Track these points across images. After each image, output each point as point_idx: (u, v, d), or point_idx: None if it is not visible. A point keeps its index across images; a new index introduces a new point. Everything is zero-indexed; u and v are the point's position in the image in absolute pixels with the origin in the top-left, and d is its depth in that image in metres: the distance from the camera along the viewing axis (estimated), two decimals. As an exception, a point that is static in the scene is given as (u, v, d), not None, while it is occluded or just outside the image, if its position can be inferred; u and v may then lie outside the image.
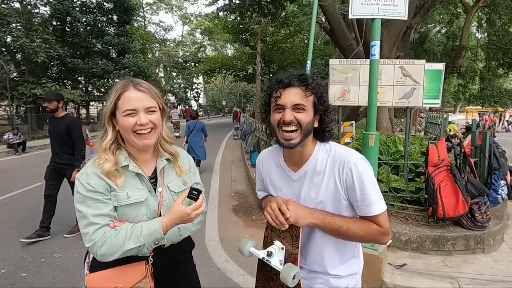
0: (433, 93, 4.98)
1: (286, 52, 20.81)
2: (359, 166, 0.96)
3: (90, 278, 1.02)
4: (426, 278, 2.48)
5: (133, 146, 1.05)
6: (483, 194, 2.97)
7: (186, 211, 0.99)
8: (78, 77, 19.74)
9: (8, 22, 14.01)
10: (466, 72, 15.11)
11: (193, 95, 42.41)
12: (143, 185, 1.06)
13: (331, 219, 0.99)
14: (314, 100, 0.98)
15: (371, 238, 1.01)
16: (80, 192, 0.98)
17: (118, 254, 0.95)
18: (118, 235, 0.95)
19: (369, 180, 0.97)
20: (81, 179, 0.99)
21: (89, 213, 0.96)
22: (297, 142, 0.97)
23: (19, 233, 3.62)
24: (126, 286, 1.00)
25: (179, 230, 1.12)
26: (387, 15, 2.56)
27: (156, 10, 36.18)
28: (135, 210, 1.03)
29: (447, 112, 18.51)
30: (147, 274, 1.03)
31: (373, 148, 2.62)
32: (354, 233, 0.98)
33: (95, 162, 1.02)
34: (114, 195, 1.00)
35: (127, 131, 1.01)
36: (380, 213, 0.97)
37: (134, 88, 1.01)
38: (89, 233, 0.95)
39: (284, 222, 0.97)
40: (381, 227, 0.98)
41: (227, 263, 2.96)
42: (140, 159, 1.09)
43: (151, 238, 0.97)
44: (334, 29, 8.46)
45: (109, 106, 1.02)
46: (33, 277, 2.70)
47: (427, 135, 9.66)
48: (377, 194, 0.98)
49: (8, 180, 6.31)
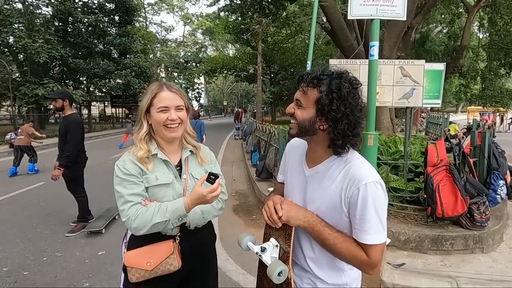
0: (433, 93, 4.98)
1: (287, 52, 20.84)
2: (369, 189, 0.88)
3: (127, 255, 1.19)
4: (424, 278, 2.48)
5: (163, 138, 1.24)
6: (482, 194, 2.97)
7: (203, 193, 1.10)
8: (80, 77, 19.84)
9: (10, 22, 14.06)
10: (467, 72, 15.07)
11: (195, 95, 42.48)
12: (169, 171, 1.23)
13: (321, 228, 0.95)
14: (317, 98, 0.91)
15: (356, 264, 0.94)
16: (118, 176, 1.16)
17: (148, 227, 1.10)
18: (148, 211, 1.11)
19: (374, 207, 0.88)
20: (119, 165, 1.17)
21: (125, 193, 1.13)
22: (293, 133, 1.01)
23: (21, 232, 3.66)
24: (156, 261, 1.15)
25: (202, 213, 1.26)
26: (386, 15, 2.58)
27: (158, 11, 36.29)
28: (162, 190, 1.19)
29: (448, 112, 18.48)
30: (174, 251, 1.19)
31: (372, 148, 2.64)
32: (339, 252, 0.94)
33: (130, 151, 1.21)
34: (145, 178, 1.18)
35: (159, 125, 1.19)
36: (372, 244, 0.89)
37: (167, 89, 1.21)
38: (125, 209, 1.12)
39: (277, 220, 0.98)
40: (369, 258, 0.90)
41: (227, 262, 2.98)
42: (168, 150, 1.26)
43: (175, 215, 1.12)
44: (335, 29, 8.47)
45: (146, 103, 1.20)
46: (35, 276, 2.72)
47: (428, 135, 9.66)
48: (378, 224, 0.89)
49: (11, 179, 6.36)
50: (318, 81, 0.92)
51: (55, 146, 4.45)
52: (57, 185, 5.87)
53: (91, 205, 3.92)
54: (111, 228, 3.80)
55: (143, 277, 1.15)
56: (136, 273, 1.15)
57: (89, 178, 4.40)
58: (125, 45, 19.97)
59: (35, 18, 15.15)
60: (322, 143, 0.97)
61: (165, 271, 1.16)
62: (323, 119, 0.92)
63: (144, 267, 1.15)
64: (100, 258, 3.05)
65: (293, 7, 18.34)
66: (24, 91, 14.40)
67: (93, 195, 4.51)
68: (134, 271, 1.15)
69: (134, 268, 1.15)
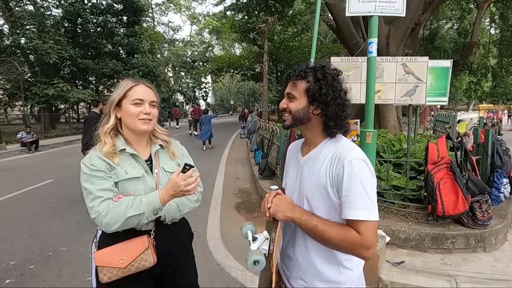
0: (440, 90, 4.90)
1: (294, 50, 20.73)
2: (354, 165, 0.91)
3: (97, 255, 1.12)
4: (423, 276, 2.47)
5: (134, 131, 1.20)
6: (484, 192, 2.93)
7: (176, 181, 1.08)
8: (88, 77, 20.19)
9: (22, 24, 14.43)
10: (478, 69, 14.75)
11: (202, 95, 42.74)
12: (139, 165, 1.21)
13: (308, 217, 0.96)
14: (306, 88, 1.01)
15: (349, 247, 0.90)
16: (85, 172, 1.12)
17: (120, 222, 1.06)
18: (120, 205, 1.08)
19: (361, 182, 0.89)
20: (85, 162, 1.14)
21: (94, 189, 1.09)
22: (288, 124, 1.06)
23: (29, 228, 3.77)
24: (130, 257, 1.11)
25: (177, 206, 1.24)
26: (385, 12, 2.56)
27: (165, 11, 36.61)
28: (133, 185, 1.16)
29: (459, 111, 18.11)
30: (149, 245, 1.14)
31: (371, 146, 2.63)
32: (329, 237, 0.91)
33: (96, 147, 1.18)
34: (114, 173, 1.14)
35: (132, 117, 1.17)
36: (361, 219, 0.88)
37: (144, 84, 1.22)
38: (94, 206, 1.08)
39: (266, 210, 1.03)
40: (360, 235, 0.87)
41: (226, 259, 3.02)
42: (136, 145, 1.24)
43: (149, 207, 1.09)
44: (340, 27, 8.41)
45: (118, 95, 1.18)
46: (40, 269, 2.81)
47: (436, 133, 9.50)
48: (366, 199, 0.89)
49: (21, 177, 6.54)
50: (305, 73, 1.01)
51: (65, 144, 4.60)
52: (64, 182, 6.06)
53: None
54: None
55: (116, 276, 1.09)
56: (108, 272, 1.09)
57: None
58: (132, 45, 20.22)
59: (45, 20, 15.49)
60: (316, 128, 1.05)
61: (139, 267, 1.12)
62: (315, 105, 1.00)
63: (116, 265, 1.09)
64: (103, 253, 3.12)
65: (299, 5, 18.24)
66: (35, 91, 14.74)
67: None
68: (105, 271, 1.09)
69: (106, 267, 1.09)
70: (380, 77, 3.88)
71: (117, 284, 1.11)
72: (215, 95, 52.38)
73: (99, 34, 19.56)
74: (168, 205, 1.18)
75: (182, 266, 1.33)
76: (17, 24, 14.29)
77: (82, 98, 16.15)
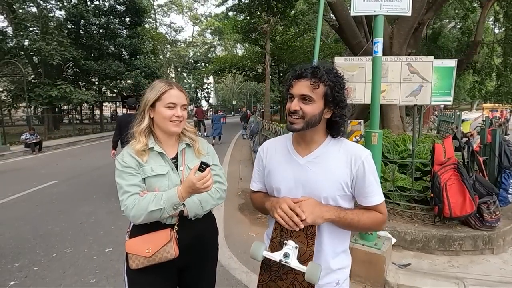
0: (444, 90, 4.85)
1: (296, 50, 20.67)
2: (369, 161, 1.05)
3: (128, 243, 1.25)
4: (430, 278, 2.43)
5: (164, 132, 1.29)
6: (492, 193, 2.88)
7: (193, 180, 1.12)
8: (91, 78, 20.28)
9: (25, 26, 14.50)
10: (482, 68, 14.63)
11: (204, 95, 42.82)
12: (165, 163, 1.29)
13: (344, 214, 1.03)
14: (325, 91, 1.01)
15: (376, 226, 1.10)
16: (118, 168, 1.24)
17: (144, 216, 1.16)
18: (144, 200, 1.18)
19: (374, 174, 1.06)
20: (118, 159, 1.26)
21: (124, 184, 1.21)
22: (298, 128, 1.03)
23: (33, 229, 3.77)
24: (154, 248, 1.21)
25: (200, 202, 1.28)
26: (390, 11, 2.53)
27: (167, 12, 36.70)
28: (158, 181, 1.24)
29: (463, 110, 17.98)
30: (172, 239, 1.23)
31: (377, 146, 2.60)
32: (364, 223, 1.05)
33: (129, 145, 1.28)
34: (142, 170, 1.24)
35: (164, 119, 1.25)
36: (381, 202, 1.07)
37: (177, 88, 1.28)
38: (124, 199, 1.19)
39: (299, 223, 0.95)
40: (383, 214, 1.07)
41: (230, 260, 3.00)
42: (165, 144, 1.32)
43: (169, 203, 1.17)
44: (343, 27, 8.36)
45: (153, 97, 1.25)
46: (44, 271, 2.81)
47: (440, 133, 9.42)
48: (379, 185, 1.08)
49: (25, 178, 6.57)
50: (321, 76, 1.00)
51: (68, 145, 4.62)
52: (68, 184, 6.07)
53: (100, 203, 4.01)
54: (118, 225, 3.88)
55: (142, 263, 1.20)
56: (136, 259, 1.20)
57: (99, 177, 4.53)
58: (135, 46, 20.28)
59: (48, 21, 15.57)
60: (321, 130, 1.08)
61: (162, 258, 1.21)
62: (330, 108, 1.03)
63: (143, 254, 1.20)
64: (107, 254, 3.12)
65: (301, 5, 18.22)
66: (38, 92, 14.82)
67: (103, 193, 4.64)
68: (134, 258, 1.21)
69: (134, 255, 1.21)
70: (385, 77, 3.85)
71: (144, 271, 1.22)
72: (217, 96, 52.45)
73: (102, 35, 19.63)
74: (191, 202, 1.25)
75: (203, 261, 1.39)
76: (21, 26, 14.37)
77: (85, 99, 16.22)
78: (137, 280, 1.25)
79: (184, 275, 1.36)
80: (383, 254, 2.45)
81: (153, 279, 1.25)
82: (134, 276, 1.25)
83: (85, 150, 11.47)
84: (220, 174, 1.38)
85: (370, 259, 2.49)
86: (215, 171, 1.36)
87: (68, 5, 16.95)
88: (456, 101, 30.67)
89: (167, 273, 1.29)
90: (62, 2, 17.15)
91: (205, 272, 1.41)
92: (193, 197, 1.24)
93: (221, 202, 1.37)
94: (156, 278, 1.26)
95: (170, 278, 1.31)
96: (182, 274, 1.36)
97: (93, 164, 8.16)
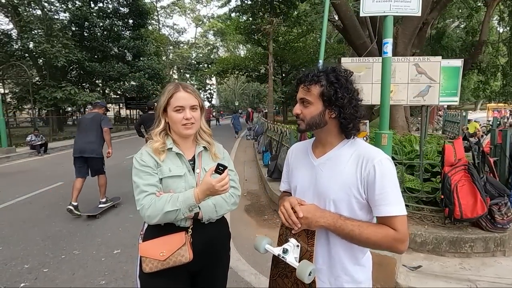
0: (450, 90, 4.82)
1: (299, 51, 20.67)
2: (383, 164, 0.95)
3: (142, 246, 1.24)
4: (442, 281, 2.41)
5: (179, 135, 1.30)
6: (503, 194, 2.85)
7: (212, 182, 1.12)
8: (95, 80, 20.38)
9: (30, 28, 14.62)
10: (487, 68, 14.53)
11: (207, 96, 42.84)
12: (182, 164, 1.29)
13: (343, 223, 0.96)
14: (320, 92, 0.99)
15: (386, 244, 0.94)
16: (136, 167, 1.24)
17: (159, 216, 1.15)
18: (160, 200, 1.17)
19: (391, 180, 0.94)
20: (137, 157, 1.26)
21: (141, 183, 1.20)
22: (302, 129, 1.06)
23: (41, 231, 3.79)
24: (169, 251, 1.19)
25: (214, 206, 1.28)
26: (400, 12, 2.52)
27: (170, 13, 36.82)
28: (175, 182, 1.24)
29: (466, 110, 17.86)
30: (186, 242, 1.22)
31: (386, 148, 2.59)
32: (367, 237, 0.94)
33: (147, 144, 1.29)
34: (159, 170, 1.24)
35: (176, 123, 1.26)
36: (397, 215, 0.92)
37: (183, 89, 1.27)
38: (140, 199, 1.19)
39: (296, 222, 0.98)
40: (397, 231, 0.92)
41: (239, 262, 2.99)
42: (182, 146, 1.33)
43: (185, 204, 1.16)
44: (347, 27, 8.35)
45: (163, 103, 1.27)
46: (54, 273, 2.82)
47: (445, 134, 9.37)
48: (398, 195, 0.95)
49: (31, 180, 6.60)
50: (317, 77, 0.99)
51: (72, 147, 4.63)
52: (74, 185, 6.08)
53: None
54: (127, 227, 3.88)
55: (156, 267, 1.18)
56: (150, 263, 1.19)
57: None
58: (138, 48, 20.36)
59: (53, 24, 15.65)
60: (333, 131, 1.05)
61: (177, 262, 1.19)
62: (331, 109, 1.00)
63: (157, 257, 1.18)
64: (115, 256, 3.12)
65: (304, 5, 18.20)
66: (43, 94, 14.90)
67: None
68: (148, 262, 1.19)
69: (148, 258, 1.19)
70: (392, 78, 3.83)
71: (157, 275, 1.20)
72: (220, 97, 52.52)
73: (106, 37, 19.76)
74: (206, 205, 1.25)
75: (216, 265, 1.38)
76: (26, 28, 14.47)
77: (89, 100, 16.25)
78: (150, 285, 1.24)
79: (196, 280, 1.35)
80: (394, 256, 2.43)
81: (166, 284, 1.23)
82: (147, 280, 1.23)
83: (90, 151, 11.50)
84: (235, 180, 1.38)
85: (381, 261, 2.47)
86: (230, 176, 1.34)
87: (72, 8, 17.07)
88: (460, 101, 30.46)
89: (180, 278, 1.27)
90: (67, 5, 17.27)
91: (217, 276, 1.40)
92: (208, 201, 1.24)
93: (235, 207, 1.37)
94: (169, 282, 1.24)
95: (183, 283, 1.29)
96: (195, 279, 1.34)
97: (98, 165, 8.18)
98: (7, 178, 6.93)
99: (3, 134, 10.28)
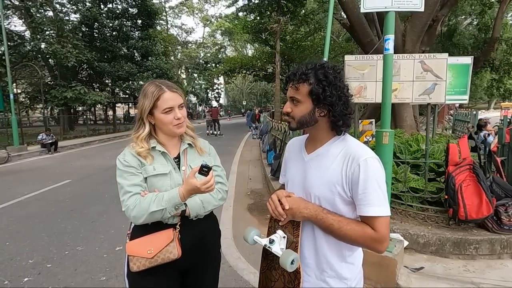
0: (460, 88, 4.69)
1: (306, 50, 20.50)
2: (369, 164, 0.94)
3: (129, 245, 1.23)
4: (444, 283, 2.35)
5: (169, 135, 1.29)
6: (510, 195, 2.76)
7: (196, 185, 1.11)
8: (105, 80, 20.71)
9: (42, 29, 14.96)
10: (500, 66, 14.13)
11: (214, 96, 43.06)
12: (167, 162, 1.27)
13: (324, 216, 0.98)
14: (309, 90, 0.98)
15: (363, 242, 0.96)
16: (119, 168, 1.22)
17: (145, 216, 1.14)
18: (145, 200, 1.16)
19: (376, 180, 0.94)
20: (120, 158, 1.24)
21: (125, 184, 1.19)
22: (293, 127, 1.06)
23: (47, 227, 3.87)
24: (156, 249, 1.18)
25: (202, 203, 1.27)
26: (402, 7, 2.46)
27: (178, 14, 37.11)
28: (160, 180, 1.22)
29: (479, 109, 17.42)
30: (174, 238, 1.20)
31: (387, 146, 2.53)
32: (345, 233, 0.96)
33: (130, 145, 1.26)
34: (144, 169, 1.23)
35: (167, 125, 1.23)
36: (377, 216, 0.93)
37: (169, 90, 1.23)
38: (125, 199, 1.17)
39: (282, 213, 1.01)
40: (376, 231, 0.93)
41: (239, 261, 2.99)
42: (168, 144, 1.31)
43: (170, 203, 1.15)
44: (354, 25, 8.23)
45: (148, 106, 1.22)
46: (57, 268, 2.87)
47: (455, 133, 9.15)
48: (381, 196, 0.94)
49: (41, 177, 6.76)
50: (305, 75, 0.99)
51: (82, 145, 4.72)
52: (81, 183, 6.21)
53: (112, 202, 4.07)
54: (129, 224, 3.92)
55: (144, 265, 1.17)
56: (137, 262, 1.17)
57: (111, 176, 4.62)
58: (147, 48, 20.58)
59: (64, 25, 16.00)
60: (324, 128, 1.05)
61: (165, 259, 1.18)
62: (320, 107, 0.99)
63: (144, 255, 1.17)
64: (117, 253, 3.16)
65: (311, 4, 18.07)
66: (54, 94, 15.23)
67: (114, 192, 4.71)
68: (135, 260, 1.18)
69: (136, 257, 1.18)
70: (397, 75, 3.75)
71: (145, 274, 1.19)
72: (227, 96, 52.66)
73: (115, 37, 20.03)
74: (193, 202, 1.24)
75: (205, 262, 1.36)
76: (38, 29, 14.82)
77: (99, 100, 16.58)
78: (139, 284, 1.22)
79: (186, 278, 1.33)
80: (395, 257, 2.38)
81: (155, 283, 1.22)
82: (136, 279, 1.22)
83: (99, 150, 11.71)
84: (221, 175, 1.38)
85: (381, 262, 2.42)
86: (216, 171, 1.35)
87: (82, 9, 17.39)
88: (473, 100, 29.75)
89: (169, 276, 1.26)
90: (77, 6, 17.60)
91: (207, 274, 1.38)
92: (195, 197, 1.23)
93: (222, 202, 1.36)
94: (158, 281, 1.22)
95: (172, 282, 1.27)
96: (184, 277, 1.33)
97: (105, 163, 8.32)
98: (17, 176, 7.12)
99: (15, 133, 10.57)
